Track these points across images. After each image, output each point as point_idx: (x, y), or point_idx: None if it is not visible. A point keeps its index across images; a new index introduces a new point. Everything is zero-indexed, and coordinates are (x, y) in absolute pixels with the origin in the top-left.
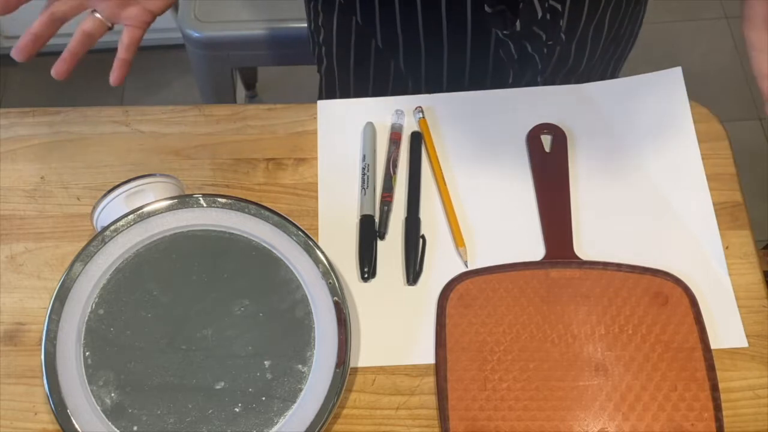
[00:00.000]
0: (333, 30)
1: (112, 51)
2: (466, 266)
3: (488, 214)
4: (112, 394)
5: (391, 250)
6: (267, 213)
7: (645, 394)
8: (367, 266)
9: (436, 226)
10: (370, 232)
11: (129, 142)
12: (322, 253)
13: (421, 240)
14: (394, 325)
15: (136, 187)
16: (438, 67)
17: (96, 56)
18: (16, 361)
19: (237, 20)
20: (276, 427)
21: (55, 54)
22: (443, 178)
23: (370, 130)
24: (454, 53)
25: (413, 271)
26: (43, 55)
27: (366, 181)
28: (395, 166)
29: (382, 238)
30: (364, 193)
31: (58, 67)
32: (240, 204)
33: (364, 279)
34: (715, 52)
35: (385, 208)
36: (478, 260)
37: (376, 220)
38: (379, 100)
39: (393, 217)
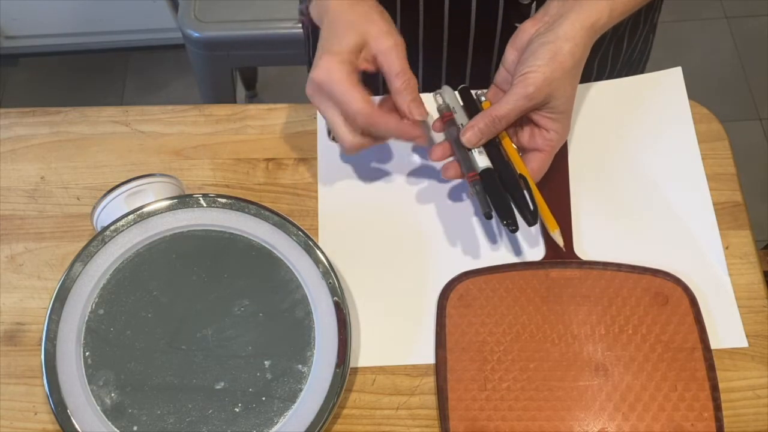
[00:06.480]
0: None
1: (112, 51)
2: (563, 249)
3: None
4: (112, 394)
5: (390, 249)
6: (267, 213)
7: (645, 394)
8: (509, 218)
9: (439, 225)
10: (495, 184)
11: (129, 142)
12: (322, 253)
13: (521, 180)
14: (394, 325)
15: (136, 187)
16: (437, 67)
17: (96, 56)
18: (16, 361)
19: (237, 20)
20: (276, 427)
21: (56, 54)
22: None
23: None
24: (455, 50)
25: (528, 210)
26: (44, 55)
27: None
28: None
29: (489, 217)
30: (466, 152)
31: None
32: (240, 204)
33: (512, 230)
34: (715, 52)
35: (477, 188)
36: (478, 260)
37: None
38: (378, 99)
39: (393, 214)
